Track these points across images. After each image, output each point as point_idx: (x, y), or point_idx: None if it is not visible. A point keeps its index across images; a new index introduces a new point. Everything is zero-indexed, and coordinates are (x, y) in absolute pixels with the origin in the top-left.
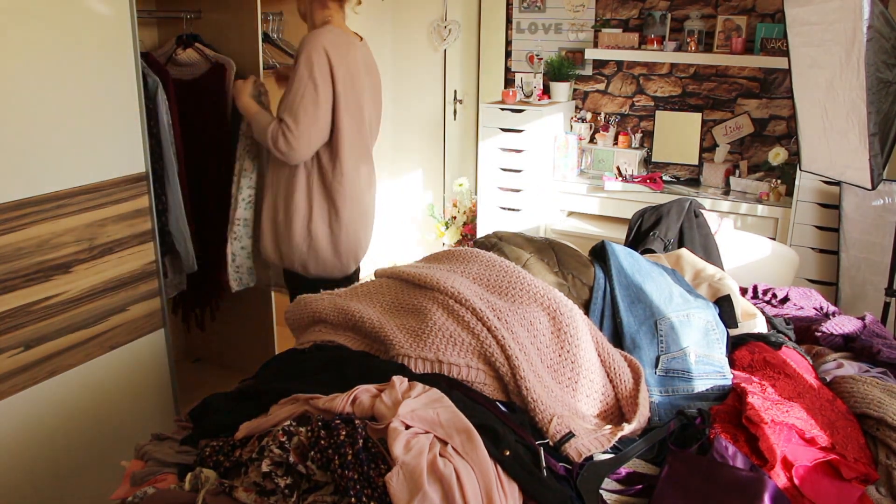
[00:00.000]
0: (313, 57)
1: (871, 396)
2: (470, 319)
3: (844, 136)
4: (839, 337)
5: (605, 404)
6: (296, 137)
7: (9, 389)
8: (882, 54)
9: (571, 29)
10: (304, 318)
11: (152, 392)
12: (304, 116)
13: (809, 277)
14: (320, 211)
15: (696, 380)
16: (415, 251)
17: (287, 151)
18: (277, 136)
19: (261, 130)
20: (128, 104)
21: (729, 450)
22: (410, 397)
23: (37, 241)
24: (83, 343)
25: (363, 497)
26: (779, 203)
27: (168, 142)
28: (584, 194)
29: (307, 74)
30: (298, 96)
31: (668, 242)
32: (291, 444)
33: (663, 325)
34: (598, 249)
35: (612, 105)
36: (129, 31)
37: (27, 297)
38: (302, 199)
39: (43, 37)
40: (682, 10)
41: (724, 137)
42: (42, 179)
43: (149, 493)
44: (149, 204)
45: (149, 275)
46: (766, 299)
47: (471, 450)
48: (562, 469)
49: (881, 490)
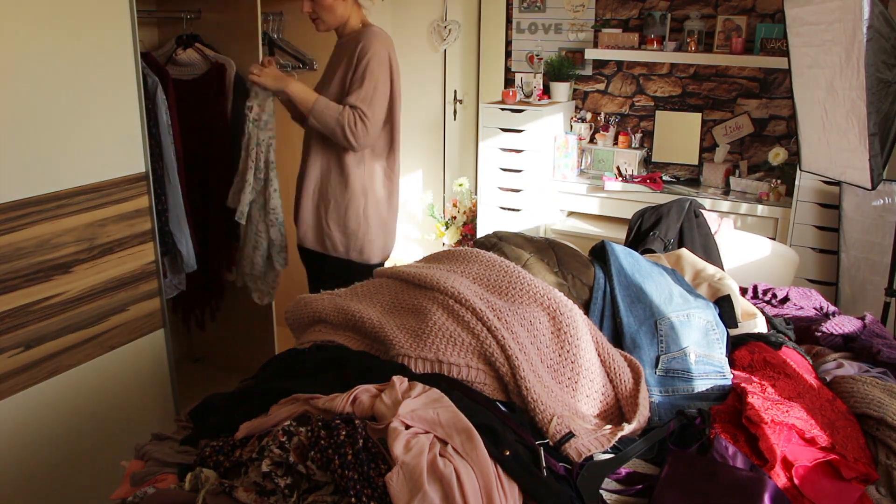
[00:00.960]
0: (383, 56)
1: (871, 396)
2: (470, 319)
3: (844, 136)
4: (839, 337)
5: (605, 404)
6: (372, 124)
7: (9, 389)
8: (882, 54)
9: (571, 29)
10: (304, 317)
11: (152, 392)
12: (378, 108)
13: (809, 277)
14: (374, 197)
15: (696, 380)
16: (415, 251)
17: (363, 136)
18: (356, 121)
19: (330, 114)
20: (128, 104)
21: (729, 450)
22: (410, 397)
23: (37, 241)
24: (83, 343)
25: (363, 497)
26: (779, 203)
27: (168, 142)
28: (584, 194)
29: (379, 71)
30: (372, 88)
31: (668, 242)
32: (291, 444)
33: (663, 325)
34: (598, 249)
35: (612, 105)
36: (129, 31)
37: (27, 297)
38: (358, 187)
39: (43, 37)
40: (682, 10)
41: (724, 137)
42: (42, 179)
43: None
44: (149, 204)
45: (149, 275)
46: (766, 299)
47: (471, 450)
48: (562, 469)
49: (881, 490)
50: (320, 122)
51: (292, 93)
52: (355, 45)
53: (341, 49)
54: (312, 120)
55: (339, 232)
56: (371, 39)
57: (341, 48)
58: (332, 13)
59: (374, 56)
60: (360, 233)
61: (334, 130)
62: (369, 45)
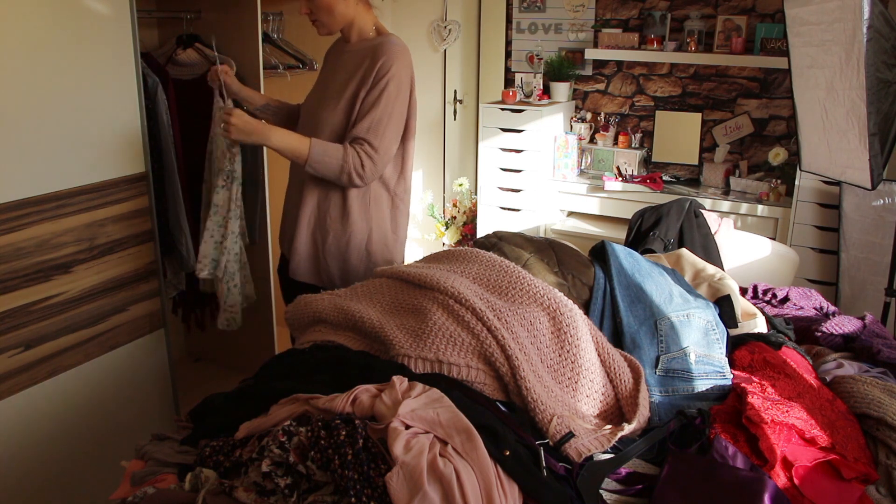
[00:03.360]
0: (404, 78)
1: (871, 396)
2: (470, 319)
3: (844, 136)
4: (839, 337)
5: (605, 404)
6: (381, 157)
7: (9, 389)
8: (882, 54)
9: (571, 29)
10: (304, 317)
11: (152, 392)
12: (390, 136)
13: (809, 277)
14: (379, 230)
15: (696, 380)
16: (415, 251)
17: (371, 174)
18: (362, 162)
19: (332, 162)
20: (128, 104)
21: (729, 450)
22: (410, 397)
23: (37, 241)
24: (83, 343)
25: (363, 497)
26: (779, 203)
27: (168, 142)
28: (584, 194)
29: (397, 95)
30: (387, 115)
31: (668, 242)
32: (291, 444)
33: (663, 325)
34: (598, 249)
35: (612, 105)
36: (129, 31)
37: (27, 297)
38: (361, 218)
39: (43, 37)
40: (682, 10)
41: (724, 137)
42: (42, 179)
43: (149, 493)
44: (149, 204)
45: (149, 275)
46: (766, 299)
47: (471, 450)
48: (562, 469)
49: (881, 490)
50: (320, 171)
51: (277, 146)
52: (373, 60)
53: (351, 58)
54: (310, 170)
55: (337, 268)
56: (393, 56)
57: (351, 57)
58: (331, 14)
59: (395, 77)
60: (362, 269)
61: (339, 178)
62: (391, 63)
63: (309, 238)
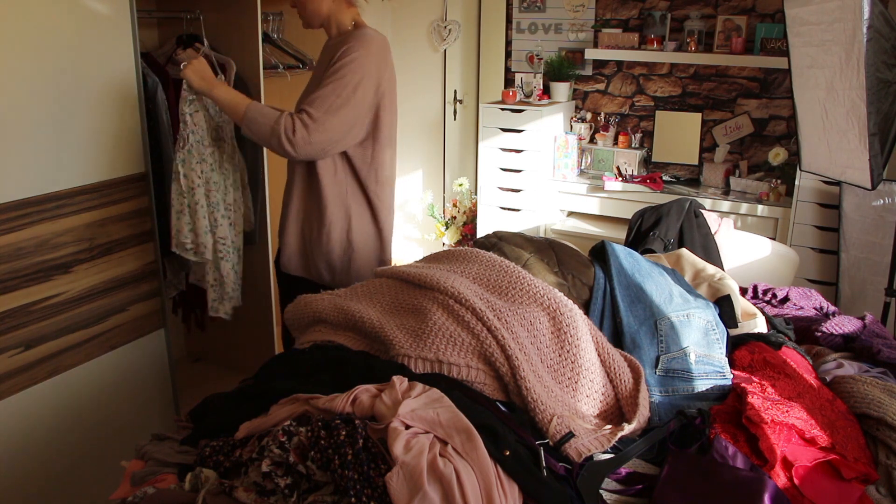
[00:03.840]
0: (365, 62)
1: (871, 396)
2: (470, 319)
3: (844, 136)
4: (839, 337)
5: (605, 404)
6: (317, 129)
7: (9, 389)
8: (882, 54)
9: (571, 29)
10: (304, 317)
11: (152, 392)
12: (343, 119)
13: (809, 277)
14: (359, 220)
15: (696, 380)
16: (415, 251)
17: (301, 144)
18: (295, 128)
19: (264, 122)
20: (128, 104)
21: (729, 450)
22: (410, 397)
23: (37, 241)
24: (83, 343)
25: (363, 497)
26: (779, 203)
27: (168, 142)
28: (584, 194)
29: (352, 77)
30: (336, 95)
31: (668, 242)
32: (291, 444)
33: (663, 324)
34: (598, 249)
35: (612, 105)
36: (129, 31)
37: (27, 297)
38: (337, 209)
39: (43, 37)
40: (682, 10)
41: (724, 137)
42: (42, 179)
43: (149, 493)
44: (149, 204)
45: (149, 275)
46: (766, 299)
47: (471, 450)
48: (562, 469)
49: (881, 490)
50: (254, 133)
51: (218, 97)
52: (339, 48)
53: (328, 52)
54: (246, 130)
55: (323, 260)
56: (356, 43)
57: (328, 51)
58: (304, 9)
59: (354, 60)
60: (347, 262)
61: (269, 140)
62: (352, 48)
63: (297, 232)
